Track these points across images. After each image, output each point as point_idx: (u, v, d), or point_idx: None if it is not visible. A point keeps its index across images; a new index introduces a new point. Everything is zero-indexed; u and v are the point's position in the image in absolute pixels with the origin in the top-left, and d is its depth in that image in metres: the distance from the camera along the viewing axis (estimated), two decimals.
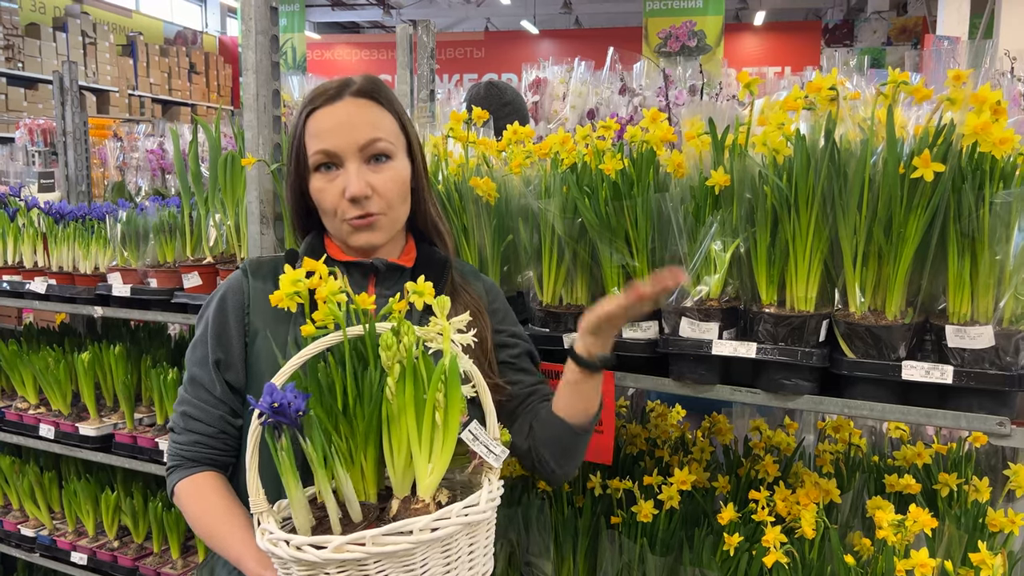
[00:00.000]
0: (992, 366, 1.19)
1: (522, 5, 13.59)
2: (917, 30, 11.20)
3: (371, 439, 1.02)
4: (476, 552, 1.00)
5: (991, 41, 4.42)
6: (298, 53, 11.85)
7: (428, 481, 0.99)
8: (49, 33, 8.85)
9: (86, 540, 2.54)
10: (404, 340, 0.99)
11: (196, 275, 2.03)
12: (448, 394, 0.98)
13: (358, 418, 1.01)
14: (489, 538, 1.03)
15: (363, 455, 1.02)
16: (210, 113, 11.17)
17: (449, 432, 0.99)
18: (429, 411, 0.98)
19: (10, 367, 2.58)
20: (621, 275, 1.49)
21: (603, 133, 1.57)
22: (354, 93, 1.25)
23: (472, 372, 1.04)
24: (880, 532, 1.37)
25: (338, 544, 0.91)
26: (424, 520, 0.92)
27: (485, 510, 0.97)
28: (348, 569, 0.92)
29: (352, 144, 1.23)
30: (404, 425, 0.98)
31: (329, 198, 1.24)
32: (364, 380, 1.01)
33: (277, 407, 0.96)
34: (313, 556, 0.91)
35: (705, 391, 1.40)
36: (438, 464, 0.99)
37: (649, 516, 1.55)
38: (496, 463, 1.03)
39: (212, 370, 1.28)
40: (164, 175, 3.56)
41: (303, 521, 1.01)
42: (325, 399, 1.01)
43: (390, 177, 1.25)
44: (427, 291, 1.05)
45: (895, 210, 1.23)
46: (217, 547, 1.22)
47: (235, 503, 1.25)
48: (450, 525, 0.93)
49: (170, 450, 1.31)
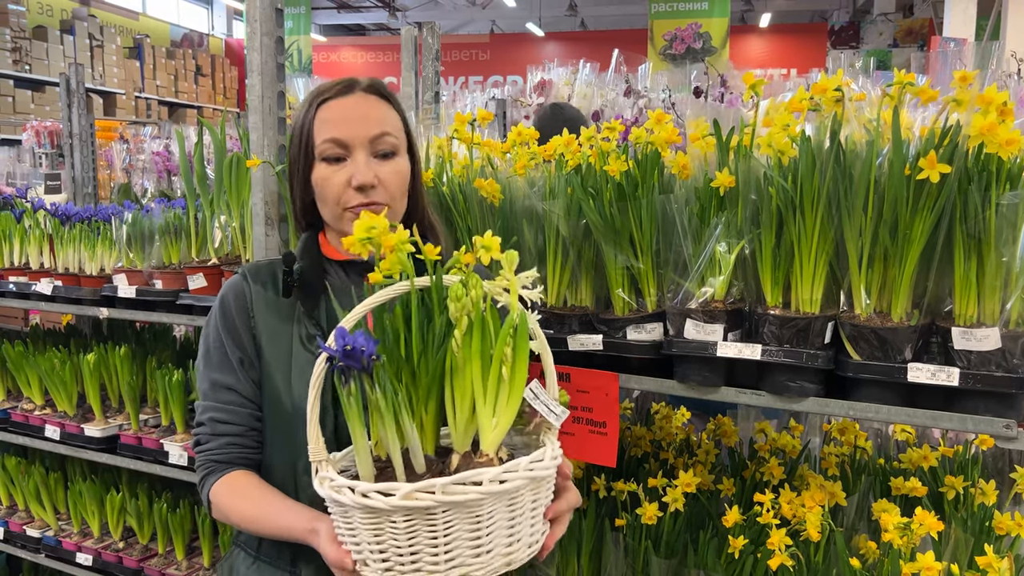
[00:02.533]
0: (999, 368, 1.18)
1: (527, 7, 13.60)
2: (923, 32, 11.18)
3: (433, 392, 1.00)
4: (538, 509, 1.00)
5: (998, 42, 4.40)
6: (304, 55, 11.88)
7: (492, 436, 0.98)
8: (56, 36, 8.89)
9: (91, 541, 2.54)
10: (472, 292, 0.97)
11: (201, 276, 2.03)
12: (516, 348, 0.96)
13: (421, 370, 0.99)
14: (549, 496, 1.03)
15: (424, 408, 1.01)
16: (216, 115, 11.20)
17: (516, 387, 0.97)
18: (496, 365, 0.97)
19: (16, 368, 2.59)
20: (626, 276, 1.49)
21: (608, 135, 1.57)
22: (364, 89, 1.30)
23: (536, 330, 1.02)
24: (886, 535, 1.36)
25: (407, 491, 0.89)
26: (493, 471, 0.91)
27: (549, 467, 0.97)
28: (415, 517, 0.90)
29: (363, 135, 1.26)
30: (469, 378, 0.97)
31: (333, 186, 1.26)
32: (429, 331, 0.99)
33: (350, 350, 0.93)
34: (381, 503, 0.89)
35: (710, 393, 1.40)
36: (503, 419, 0.98)
37: (654, 518, 1.55)
38: (556, 422, 1.02)
39: (237, 368, 1.28)
40: (170, 177, 3.58)
41: (367, 469, 0.99)
42: (390, 349, 0.99)
43: (394, 171, 1.28)
44: (494, 245, 1.02)
45: (901, 211, 1.23)
46: (264, 529, 1.21)
47: (268, 487, 1.25)
48: (518, 479, 0.92)
49: (199, 461, 1.30)
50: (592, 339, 1.50)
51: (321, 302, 1.29)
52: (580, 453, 1.54)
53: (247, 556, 1.32)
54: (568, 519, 1.12)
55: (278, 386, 1.26)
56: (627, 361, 1.48)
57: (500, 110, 3.95)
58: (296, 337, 1.27)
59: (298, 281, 1.28)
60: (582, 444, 1.51)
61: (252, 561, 1.30)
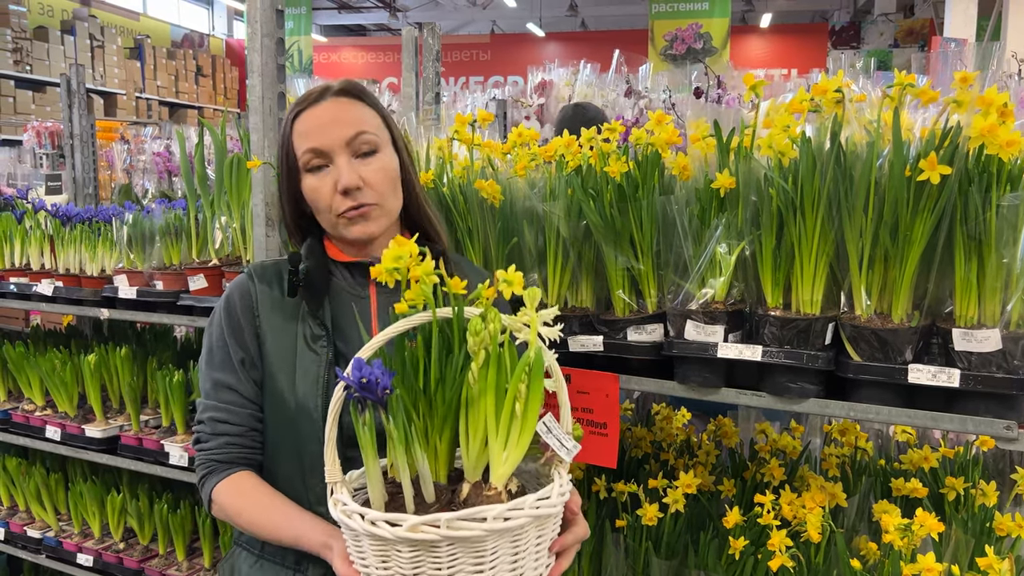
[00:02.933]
0: (999, 370, 1.18)
1: (528, 8, 13.60)
2: (924, 32, 11.18)
3: (449, 421, 1.02)
4: (543, 545, 1.01)
5: (998, 43, 4.39)
6: (304, 56, 11.88)
7: (502, 470, 0.99)
8: (57, 36, 8.89)
9: (92, 542, 2.55)
10: (490, 327, 0.99)
11: (202, 277, 2.03)
12: (531, 386, 0.98)
13: (438, 400, 1.01)
14: (555, 531, 1.04)
15: (439, 437, 1.02)
16: (216, 115, 11.21)
17: (528, 423, 0.99)
18: (510, 400, 0.98)
19: (17, 369, 2.59)
20: (626, 278, 1.49)
21: (608, 135, 1.57)
22: (336, 93, 1.30)
23: (553, 367, 1.03)
24: (886, 536, 1.36)
25: (413, 524, 0.91)
26: (498, 508, 0.92)
27: (556, 504, 0.98)
28: (419, 549, 0.93)
29: (339, 139, 1.26)
30: (483, 411, 0.99)
31: (323, 195, 1.27)
32: (448, 363, 1.01)
33: (365, 383, 0.97)
34: (387, 532, 0.92)
35: (710, 394, 1.40)
36: (513, 453, 0.99)
37: (654, 519, 1.55)
38: (567, 457, 1.03)
39: (239, 369, 1.29)
40: (171, 178, 3.57)
41: (378, 496, 1.02)
42: (408, 378, 1.01)
43: (379, 168, 1.28)
44: (516, 280, 1.03)
45: (901, 213, 1.23)
46: (271, 535, 1.22)
47: (276, 492, 1.26)
48: (522, 516, 0.93)
49: (199, 460, 1.30)
50: (593, 340, 1.50)
51: (325, 302, 1.30)
52: (581, 454, 1.53)
53: (249, 555, 1.32)
54: (574, 552, 1.12)
55: (282, 385, 1.27)
56: (627, 362, 1.48)
57: (500, 111, 3.95)
58: (300, 337, 1.28)
59: (303, 281, 1.29)
60: (583, 445, 1.50)
61: (255, 560, 1.31)
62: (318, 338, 1.28)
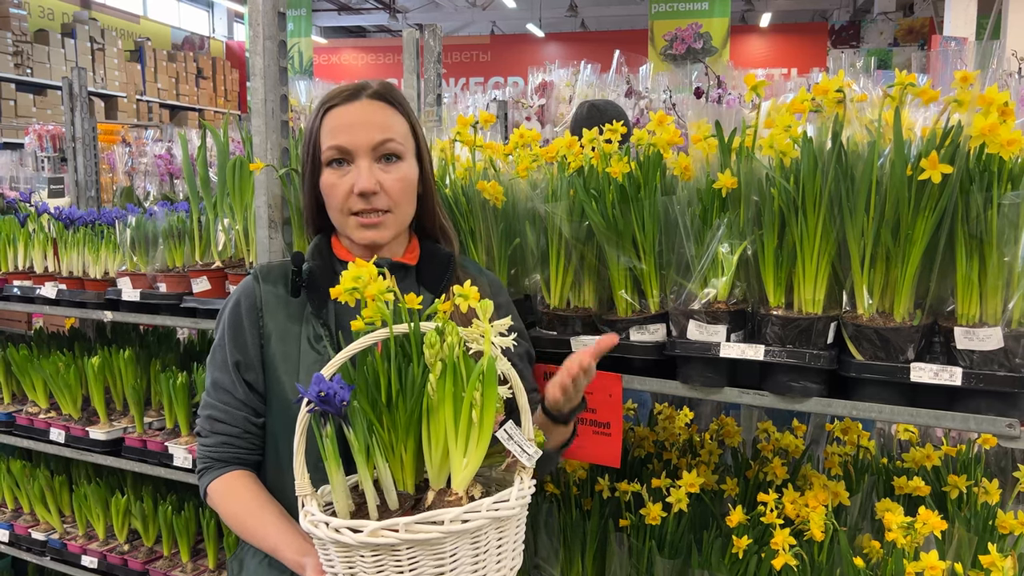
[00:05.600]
0: (1001, 368, 1.18)
1: (528, 8, 13.61)
2: (924, 31, 11.18)
3: (412, 432, 1.06)
4: (504, 547, 1.04)
5: (998, 42, 4.38)
6: (304, 58, 11.88)
7: (462, 475, 1.03)
8: (58, 39, 8.91)
9: (96, 544, 2.55)
10: (447, 340, 1.03)
11: (205, 280, 2.03)
12: (484, 393, 1.02)
13: (400, 411, 1.05)
14: (519, 535, 1.07)
15: (403, 447, 1.07)
16: (217, 118, 11.22)
17: (484, 430, 1.03)
18: (466, 408, 1.02)
19: (21, 372, 2.59)
20: (628, 278, 1.49)
21: (610, 136, 1.58)
22: (371, 95, 1.30)
23: (510, 374, 1.07)
24: (889, 534, 1.36)
25: (373, 529, 0.95)
26: (455, 511, 0.96)
27: (515, 506, 1.01)
28: (381, 553, 0.97)
29: (365, 142, 1.27)
30: (442, 420, 1.03)
31: (339, 193, 1.28)
32: (407, 375, 1.06)
33: (324, 396, 1.01)
34: (349, 538, 0.96)
35: (713, 394, 1.40)
36: (472, 459, 1.03)
37: (657, 519, 1.55)
38: (529, 463, 1.06)
39: (232, 372, 1.31)
40: (173, 180, 3.58)
41: (343, 506, 1.06)
42: (370, 391, 1.06)
43: (399, 177, 1.29)
44: (472, 294, 1.08)
45: (903, 212, 1.23)
46: (252, 540, 1.26)
47: (266, 498, 1.29)
48: (480, 518, 0.97)
49: (199, 454, 1.35)
50: (595, 340, 1.50)
51: (329, 303, 1.30)
52: (584, 454, 1.54)
53: (256, 551, 1.33)
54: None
55: (286, 386, 1.28)
56: (630, 362, 1.49)
57: (501, 112, 3.95)
58: (304, 337, 1.29)
59: (307, 281, 1.30)
60: (586, 445, 1.51)
61: (263, 556, 1.32)
62: (321, 338, 1.28)
